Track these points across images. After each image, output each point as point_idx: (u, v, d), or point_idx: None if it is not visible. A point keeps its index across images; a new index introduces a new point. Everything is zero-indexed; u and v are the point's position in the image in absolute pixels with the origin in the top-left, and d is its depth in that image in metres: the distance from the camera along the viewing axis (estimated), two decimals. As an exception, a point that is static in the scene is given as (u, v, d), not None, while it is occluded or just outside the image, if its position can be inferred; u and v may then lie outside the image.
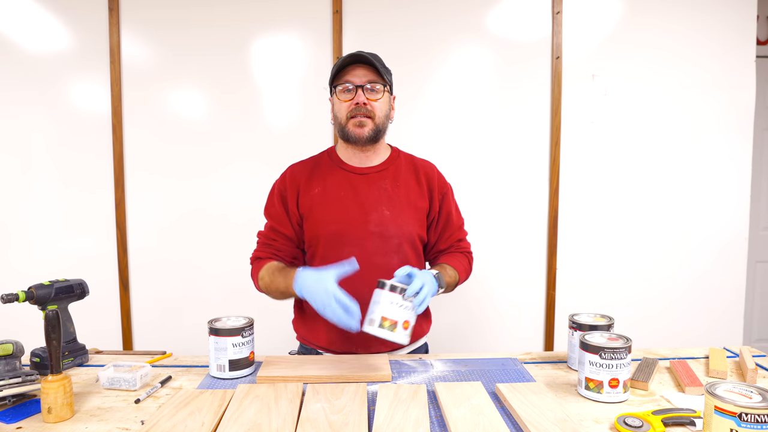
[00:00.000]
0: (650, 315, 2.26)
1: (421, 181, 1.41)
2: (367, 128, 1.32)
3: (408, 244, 1.38)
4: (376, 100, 1.31)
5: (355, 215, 1.34)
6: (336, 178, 1.38)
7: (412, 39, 2.13)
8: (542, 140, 2.19)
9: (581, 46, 2.17)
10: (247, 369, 1.20)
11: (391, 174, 1.40)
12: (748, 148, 2.23)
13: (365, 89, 1.30)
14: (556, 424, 0.89)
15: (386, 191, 1.37)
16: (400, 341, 1.12)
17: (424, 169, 1.44)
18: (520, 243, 2.23)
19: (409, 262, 1.38)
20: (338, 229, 1.34)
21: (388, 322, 1.11)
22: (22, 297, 1.14)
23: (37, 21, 2.08)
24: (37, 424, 0.96)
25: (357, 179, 1.38)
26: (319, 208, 1.35)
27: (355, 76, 1.30)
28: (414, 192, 1.40)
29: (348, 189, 1.37)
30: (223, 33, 2.11)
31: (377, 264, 1.32)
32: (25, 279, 1.46)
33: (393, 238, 1.35)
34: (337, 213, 1.34)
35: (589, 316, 1.25)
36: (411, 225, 1.37)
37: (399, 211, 1.36)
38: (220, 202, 2.16)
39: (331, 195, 1.36)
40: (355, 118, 1.31)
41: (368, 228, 1.34)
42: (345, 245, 1.33)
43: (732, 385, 0.85)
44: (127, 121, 2.13)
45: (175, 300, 2.19)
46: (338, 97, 1.32)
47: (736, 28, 2.17)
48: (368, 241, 1.34)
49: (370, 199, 1.36)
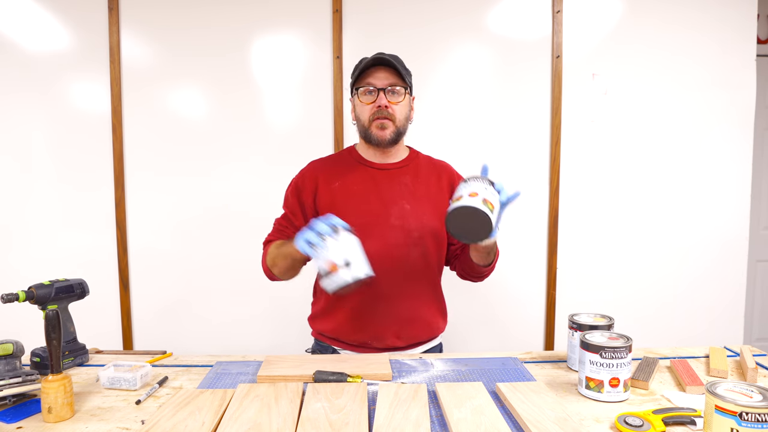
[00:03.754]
0: (650, 314, 2.26)
1: (442, 178, 1.45)
2: (389, 130, 1.35)
3: (429, 237, 1.40)
4: (397, 103, 1.34)
5: (377, 209, 1.37)
6: (357, 174, 1.41)
7: (412, 38, 2.13)
8: (542, 139, 2.19)
9: (581, 45, 2.17)
10: None
11: (412, 170, 1.43)
12: (749, 147, 2.23)
13: (387, 92, 1.33)
14: (556, 424, 0.89)
15: (407, 186, 1.41)
16: (489, 216, 1.09)
17: (444, 169, 1.49)
18: (521, 242, 2.23)
19: (430, 254, 1.41)
20: (360, 222, 1.34)
21: (479, 197, 1.09)
22: (22, 297, 1.14)
23: (37, 21, 2.08)
24: (38, 423, 0.96)
25: (378, 174, 1.41)
26: (340, 202, 1.37)
27: (376, 79, 1.33)
28: (434, 188, 1.43)
29: (369, 184, 1.39)
30: (223, 33, 2.11)
31: (397, 256, 1.36)
32: (25, 279, 1.47)
33: (414, 231, 1.37)
34: (359, 206, 1.37)
35: (589, 316, 1.25)
36: (431, 218, 1.40)
37: (419, 205, 1.39)
38: (220, 202, 2.16)
39: (352, 189, 1.39)
40: (378, 120, 1.33)
41: (389, 221, 1.36)
42: (367, 238, 1.33)
43: (732, 385, 0.85)
44: (127, 121, 2.13)
45: (175, 299, 2.19)
46: (360, 99, 1.35)
47: (736, 27, 2.17)
48: (389, 234, 1.36)
49: (391, 193, 1.39)
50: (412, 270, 1.39)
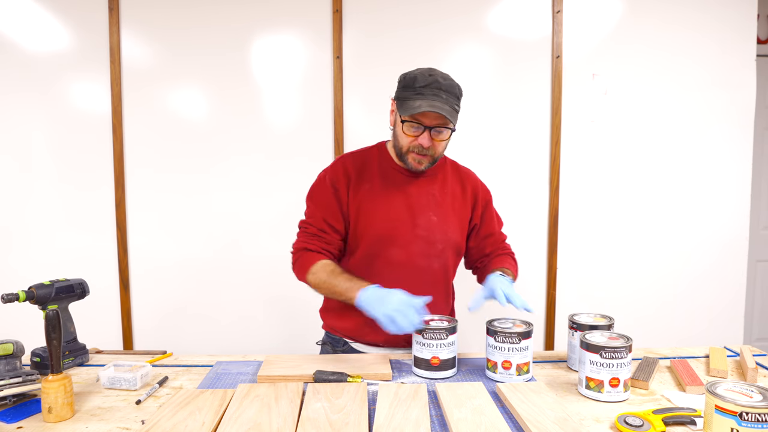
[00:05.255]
0: (650, 314, 2.26)
1: (467, 189, 1.45)
2: (425, 164, 1.34)
3: (451, 250, 1.42)
4: (440, 141, 1.31)
5: (404, 217, 1.36)
6: (386, 178, 1.38)
7: (412, 38, 2.13)
8: (542, 139, 2.19)
9: (581, 46, 2.17)
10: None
11: (440, 180, 1.42)
12: (749, 147, 2.23)
13: (432, 130, 1.27)
14: (556, 424, 0.89)
15: (434, 197, 1.40)
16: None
17: (469, 178, 1.48)
18: (521, 242, 2.21)
19: (449, 267, 1.43)
20: (386, 229, 1.35)
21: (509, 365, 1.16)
22: (23, 297, 1.14)
23: (37, 21, 2.08)
24: (38, 423, 0.96)
25: (407, 181, 1.39)
26: (368, 206, 1.35)
27: (426, 117, 1.25)
28: (459, 200, 1.43)
29: (397, 190, 1.38)
30: (223, 32, 2.11)
31: (419, 266, 1.37)
32: (25, 279, 1.46)
33: (438, 243, 1.38)
34: (387, 213, 1.35)
35: (589, 316, 1.25)
36: (455, 232, 1.41)
37: (445, 218, 1.39)
38: (220, 202, 2.16)
39: (381, 194, 1.36)
40: (416, 155, 1.31)
41: (415, 231, 1.36)
42: (391, 246, 1.35)
43: (732, 385, 0.85)
44: (127, 121, 2.13)
45: (175, 299, 2.19)
46: (404, 131, 1.28)
47: (736, 27, 2.17)
48: (414, 244, 1.36)
49: (419, 203, 1.38)
50: (431, 280, 1.39)
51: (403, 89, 1.29)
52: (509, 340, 1.14)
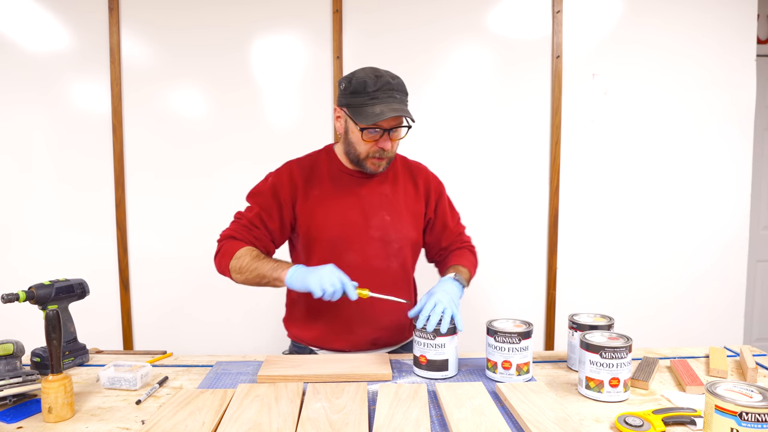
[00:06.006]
0: (650, 314, 2.26)
1: (418, 185, 1.43)
2: (383, 165, 1.33)
3: (407, 248, 1.41)
4: (396, 140, 1.31)
5: (357, 219, 1.35)
6: (336, 181, 1.37)
7: (412, 38, 2.13)
8: (542, 139, 2.19)
9: (581, 46, 2.17)
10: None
11: (391, 178, 1.41)
12: (749, 147, 2.23)
13: (390, 131, 1.27)
14: (556, 424, 0.89)
15: (386, 196, 1.38)
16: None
17: (420, 172, 1.46)
18: (521, 243, 2.23)
19: (407, 265, 1.42)
20: (340, 233, 1.34)
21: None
22: (23, 297, 1.14)
23: (37, 21, 2.08)
24: (38, 423, 0.96)
25: (358, 183, 1.38)
26: (319, 211, 1.34)
27: (385, 120, 1.24)
28: (411, 196, 1.42)
29: (349, 193, 1.36)
30: (223, 33, 2.11)
31: (377, 268, 1.35)
32: (25, 279, 1.46)
33: (394, 242, 1.37)
34: (339, 217, 1.34)
35: (589, 316, 1.25)
36: (410, 229, 1.40)
37: (398, 216, 1.38)
38: (220, 202, 2.16)
39: (332, 198, 1.35)
40: (375, 159, 1.30)
41: (369, 233, 1.35)
42: (347, 250, 1.34)
43: (732, 385, 0.85)
44: (128, 121, 2.13)
45: (175, 299, 2.19)
46: (364, 138, 1.27)
47: (736, 27, 2.17)
48: (369, 246, 1.35)
49: (371, 203, 1.36)
50: (391, 280, 1.38)
51: (353, 95, 1.25)
52: (509, 340, 1.14)
